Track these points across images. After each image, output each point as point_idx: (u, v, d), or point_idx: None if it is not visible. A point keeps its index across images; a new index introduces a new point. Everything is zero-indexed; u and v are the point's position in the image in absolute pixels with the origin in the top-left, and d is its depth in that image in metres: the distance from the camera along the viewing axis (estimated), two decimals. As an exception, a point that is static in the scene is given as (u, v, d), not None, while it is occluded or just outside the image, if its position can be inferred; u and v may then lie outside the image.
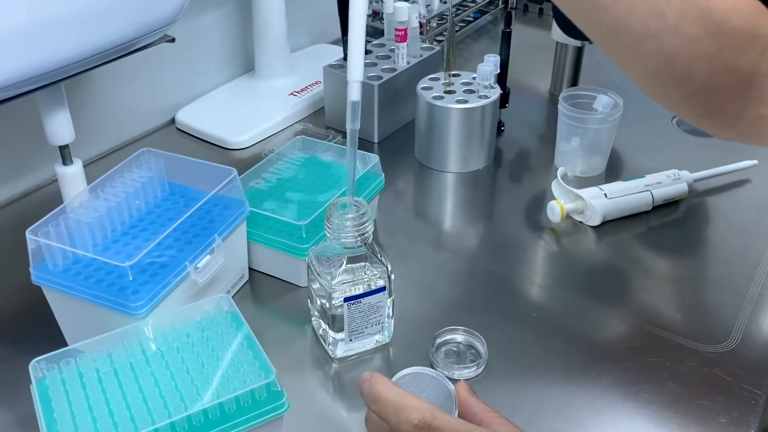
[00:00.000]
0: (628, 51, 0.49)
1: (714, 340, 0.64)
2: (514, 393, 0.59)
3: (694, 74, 0.47)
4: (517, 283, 0.72)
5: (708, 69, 0.46)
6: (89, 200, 0.64)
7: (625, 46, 0.48)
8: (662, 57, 0.47)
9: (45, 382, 0.52)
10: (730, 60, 0.46)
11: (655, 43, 0.46)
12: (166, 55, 0.92)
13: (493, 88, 0.88)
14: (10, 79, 0.57)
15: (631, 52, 0.48)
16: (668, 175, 0.82)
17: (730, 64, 0.46)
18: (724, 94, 0.48)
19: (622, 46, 0.49)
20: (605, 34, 0.49)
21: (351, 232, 0.57)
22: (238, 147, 0.94)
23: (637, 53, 0.48)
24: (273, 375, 0.50)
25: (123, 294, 0.57)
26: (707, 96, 0.48)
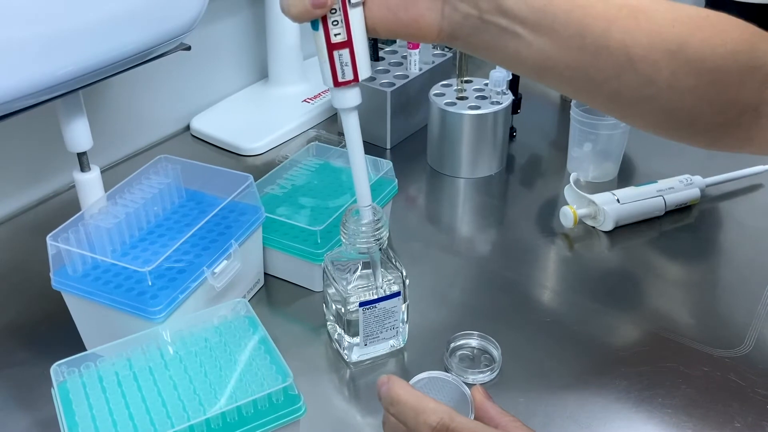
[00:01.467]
0: (627, 114, 0.49)
1: (728, 345, 0.64)
2: (528, 397, 0.59)
3: (697, 118, 0.47)
4: (530, 288, 0.73)
5: (711, 109, 0.46)
6: (108, 206, 0.65)
7: (624, 111, 0.49)
8: (662, 113, 0.47)
9: (66, 386, 0.52)
10: (731, 97, 0.46)
11: (651, 104, 0.46)
12: (182, 62, 0.93)
13: (505, 94, 0.88)
14: (31, 88, 0.58)
15: (630, 114, 0.49)
16: (680, 180, 0.82)
17: (732, 100, 0.46)
18: (732, 125, 0.48)
19: (621, 111, 0.49)
20: (601, 103, 0.49)
21: (366, 237, 0.58)
22: (252, 153, 0.95)
23: (637, 116, 0.48)
24: (290, 379, 0.51)
25: (142, 299, 0.57)
26: (715, 129, 0.48)
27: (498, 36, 0.45)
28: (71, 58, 0.59)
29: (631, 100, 0.47)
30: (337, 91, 0.50)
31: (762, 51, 0.45)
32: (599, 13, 0.44)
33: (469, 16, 0.45)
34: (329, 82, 0.50)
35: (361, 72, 0.49)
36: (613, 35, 0.44)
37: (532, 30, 0.45)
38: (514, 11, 0.44)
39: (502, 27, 0.45)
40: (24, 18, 0.55)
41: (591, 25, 0.44)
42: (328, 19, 0.47)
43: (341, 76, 0.49)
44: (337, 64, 0.49)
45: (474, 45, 0.47)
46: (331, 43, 0.48)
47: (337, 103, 0.51)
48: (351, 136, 0.52)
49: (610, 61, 0.45)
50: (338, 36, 0.47)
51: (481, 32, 0.46)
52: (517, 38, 0.45)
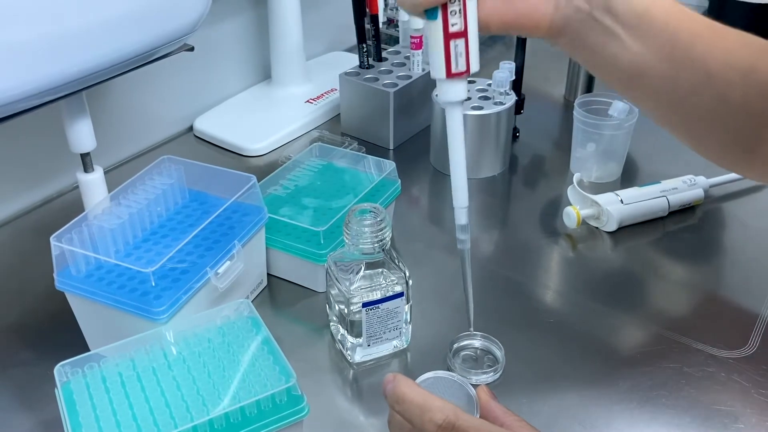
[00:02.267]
0: (700, 135, 0.51)
1: (732, 346, 0.64)
2: (532, 398, 0.59)
3: (761, 144, 0.48)
4: (534, 288, 0.73)
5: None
6: (111, 207, 0.66)
7: (697, 131, 0.50)
8: (731, 136, 0.49)
9: (69, 386, 0.52)
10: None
11: (723, 125, 0.48)
12: (185, 63, 0.93)
13: (508, 94, 0.88)
14: (35, 89, 0.58)
15: (701, 136, 0.50)
16: (684, 180, 0.82)
17: None
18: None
19: (694, 131, 0.50)
20: (678, 121, 0.50)
21: (369, 238, 0.58)
22: (254, 154, 0.95)
23: (708, 137, 0.50)
24: (293, 379, 0.51)
25: (145, 299, 0.57)
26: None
27: (601, 35, 0.47)
28: (75, 59, 0.60)
29: (706, 118, 0.48)
30: (447, 82, 0.50)
31: None
32: (687, 26, 0.46)
33: (580, 10, 0.47)
34: (441, 72, 0.49)
35: (472, 64, 0.49)
36: (697, 48, 0.46)
37: (630, 33, 0.46)
38: (618, 11, 0.46)
39: (606, 26, 0.46)
40: (28, 20, 0.55)
41: (680, 36, 0.46)
42: (448, 7, 0.47)
43: (455, 66, 0.48)
44: (453, 54, 0.48)
45: (577, 43, 0.48)
46: (449, 33, 0.47)
47: (445, 95, 0.50)
48: (455, 133, 0.52)
49: (692, 75, 0.47)
50: (455, 26, 0.47)
51: (587, 29, 0.47)
52: (617, 40, 0.47)
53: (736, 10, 0.87)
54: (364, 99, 0.95)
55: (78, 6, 0.58)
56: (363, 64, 0.98)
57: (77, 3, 0.58)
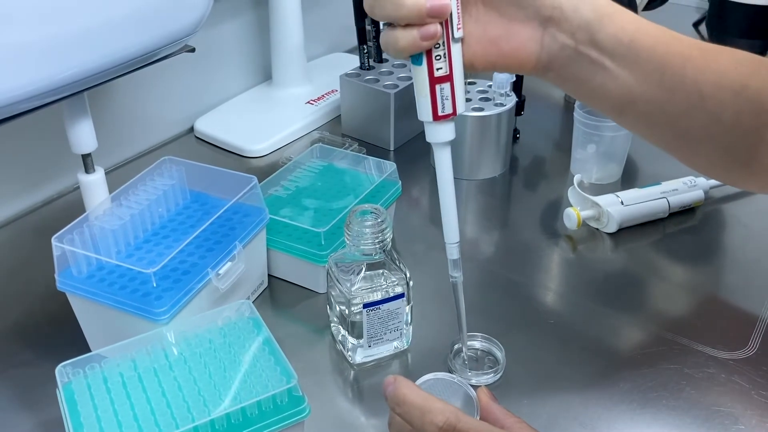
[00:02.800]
0: (693, 153, 0.51)
1: (732, 347, 0.64)
2: (533, 399, 0.59)
3: (755, 158, 0.49)
4: (534, 290, 0.73)
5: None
6: (112, 208, 0.66)
7: (690, 150, 0.51)
8: (725, 153, 0.49)
9: (71, 387, 0.53)
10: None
11: (716, 143, 0.49)
12: (186, 64, 0.93)
13: (508, 96, 0.88)
14: (37, 90, 0.58)
15: (696, 153, 0.51)
16: (684, 182, 0.82)
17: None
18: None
19: (688, 150, 0.51)
20: (671, 141, 0.51)
21: (370, 239, 0.58)
22: (255, 155, 0.95)
23: (702, 155, 0.51)
24: (294, 380, 0.51)
25: (146, 300, 0.58)
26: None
27: (588, 68, 0.47)
28: (77, 60, 0.60)
29: (699, 138, 0.49)
30: (435, 125, 0.50)
31: None
32: (677, 50, 0.47)
33: (565, 46, 0.47)
34: (428, 116, 0.50)
35: (459, 105, 0.49)
36: (688, 72, 0.46)
37: (618, 63, 0.47)
38: (604, 43, 0.46)
39: (593, 59, 0.47)
40: (30, 21, 0.55)
41: (670, 61, 0.46)
42: (433, 52, 0.47)
43: (441, 109, 0.49)
44: (438, 98, 0.49)
45: (565, 76, 0.49)
46: (434, 77, 0.48)
47: (433, 137, 0.51)
48: (443, 172, 0.52)
49: (683, 98, 0.47)
50: (440, 70, 0.48)
51: (574, 63, 0.47)
52: (605, 71, 0.47)
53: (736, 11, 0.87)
54: (364, 100, 0.95)
55: (80, 7, 0.58)
56: (364, 65, 0.98)
57: (79, 4, 0.58)
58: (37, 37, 0.56)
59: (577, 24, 0.46)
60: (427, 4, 0.44)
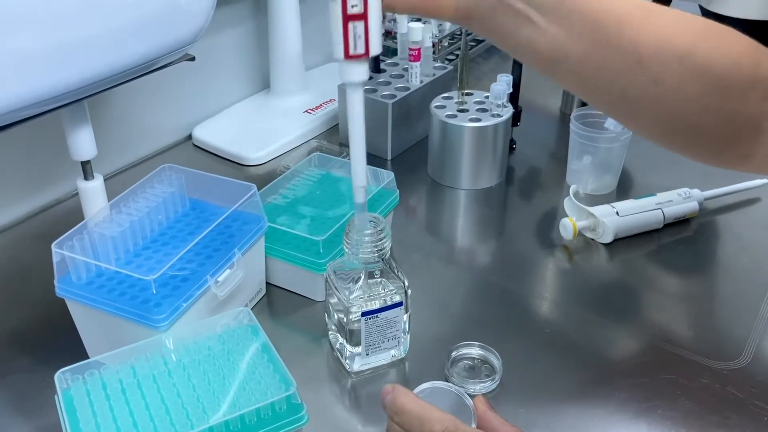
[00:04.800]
0: (631, 117, 0.49)
1: (726, 357, 0.64)
2: (529, 408, 0.60)
3: (699, 127, 0.47)
4: (530, 299, 0.73)
5: (713, 120, 0.47)
6: (112, 215, 0.66)
7: (629, 112, 0.49)
8: (666, 118, 0.47)
9: (70, 393, 0.53)
10: (733, 108, 0.46)
11: (655, 107, 0.47)
12: (185, 72, 0.94)
13: (505, 107, 0.89)
14: (37, 98, 0.58)
15: (634, 117, 0.49)
16: (679, 193, 0.83)
17: (734, 112, 0.47)
18: (733, 139, 0.48)
19: (625, 113, 0.49)
20: (607, 103, 0.49)
21: (369, 247, 0.59)
22: (253, 163, 0.96)
23: (641, 119, 0.49)
24: (293, 387, 0.51)
25: (146, 307, 0.58)
26: (717, 142, 0.48)
27: (513, 20, 0.45)
28: (78, 68, 0.60)
29: (637, 100, 0.47)
30: (346, 64, 0.49)
31: (765, 66, 0.46)
32: (615, 9, 0.45)
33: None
34: (340, 54, 0.49)
35: (372, 47, 0.49)
36: (626, 32, 0.45)
37: (547, 18, 0.45)
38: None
39: (518, 10, 0.45)
40: (33, 29, 0.56)
41: (606, 19, 0.45)
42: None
43: (353, 48, 0.48)
44: (351, 36, 0.48)
45: (488, 28, 0.47)
46: (347, 14, 0.47)
47: (344, 76, 0.50)
48: (354, 113, 0.51)
49: (620, 58, 0.45)
50: (355, 8, 0.47)
51: (497, 14, 0.46)
52: (532, 25, 0.45)
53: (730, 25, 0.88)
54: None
55: (82, 16, 0.58)
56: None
57: (82, 14, 0.58)
58: (39, 45, 0.56)
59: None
60: None
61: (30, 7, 0.55)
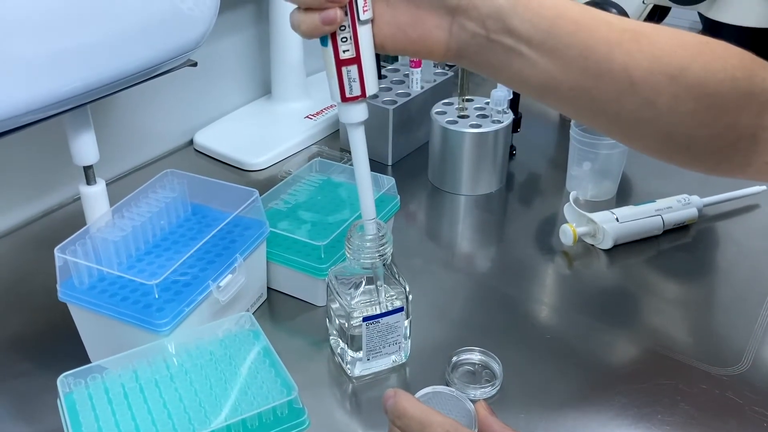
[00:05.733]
0: (627, 136, 0.50)
1: (725, 363, 0.65)
2: (529, 413, 0.60)
3: (695, 141, 0.48)
4: (530, 304, 0.73)
5: (709, 133, 0.47)
6: (114, 219, 0.66)
7: (624, 133, 0.49)
8: (662, 136, 0.48)
9: (72, 397, 0.53)
10: (729, 121, 0.47)
11: (650, 127, 0.47)
12: (186, 78, 0.94)
13: (505, 113, 0.90)
14: (41, 103, 0.59)
15: (630, 137, 0.50)
16: (678, 199, 0.83)
17: (730, 125, 0.47)
18: (729, 150, 0.49)
19: (621, 133, 0.50)
20: (602, 125, 0.50)
21: (370, 252, 0.59)
22: (254, 168, 0.96)
23: (637, 138, 0.49)
24: (295, 392, 0.52)
25: (148, 311, 0.58)
26: (713, 154, 0.49)
27: (503, 55, 0.46)
28: (81, 74, 0.60)
29: (632, 122, 0.47)
30: (344, 106, 0.51)
31: (760, 78, 0.47)
32: (603, 35, 0.45)
33: (476, 35, 0.46)
34: (336, 97, 0.51)
35: (368, 88, 0.50)
36: (616, 58, 0.45)
37: (536, 50, 0.45)
38: (519, 31, 0.45)
39: (508, 46, 0.46)
40: (36, 35, 0.56)
41: (594, 47, 0.45)
42: (338, 35, 0.48)
43: (349, 91, 0.50)
44: (345, 80, 0.49)
45: (480, 64, 0.48)
46: (340, 60, 0.49)
47: (344, 117, 0.52)
48: (357, 151, 0.53)
49: (611, 84, 0.46)
50: (347, 52, 0.48)
51: (487, 51, 0.46)
52: (522, 58, 0.46)
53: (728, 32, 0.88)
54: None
55: (85, 22, 0.59)
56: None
57: (85, 19, 0.59)
58: (42, 51, 0.57)
59: (486, 12, 0.45)
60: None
61: (33, 13, 0.55)
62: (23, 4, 0.54)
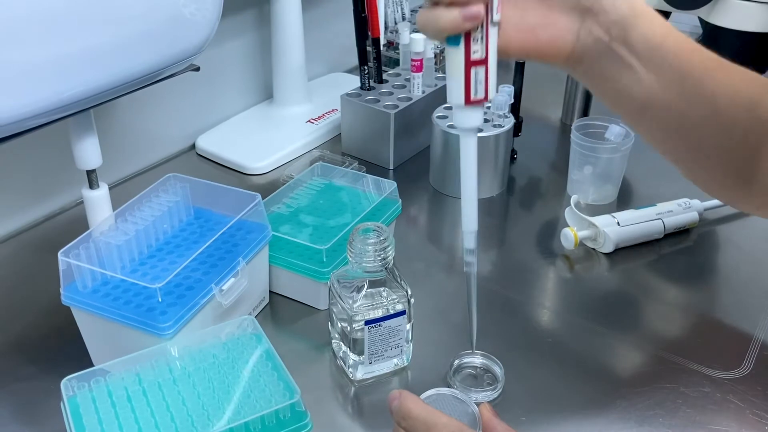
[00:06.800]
0: (703, 167, 0.51)
1: (727, 367, 0.65)
2: (531, 416, 0.60)
3: (755, 177, 0.49)
4: (532, 308, 0.74)
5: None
6: (118, 223, 0.66)
7: (701, 163, 0.51)
8: (732, 169, 0.50)
9: (76, 400, 0.53)
10: None
11: (725, 158, 0.49)
12: (189, 82, 0.94)
13: (506, 117, 0.90)
14: (45, 107, 0.59)
15: (705, 167, 0.51)
16: (679, 203, 0.83)
17: None
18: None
19: (698, 163, 0.51)
20: (684, 153, 0.51)
21: (372, 256, 0.59)
22: (256, 172, 0.96)
23: (711, 169, 0.51)
24: (298, 395, 0.52)
25: (151, 315, 0.58)
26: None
27: (617, 65, 0.48)
28: (84, 79, 0.61)
29: (708, 152, 0.49)
30: (465, 109, 0.49)
31: None
32: (699, 60, 0.48)
33: (599, 40, 0.47)
34: (460, 99, 0.49)
35: (491, 91, 0.49)
36: (706, 84, 0.47)
37: (645, 65, 0.47)
38: (635, 43, 0.47)
39: (622, 57, 0.47)
40: (40, 39, 0.56)
41: (691, 70, 0.47)
42: (471, 34, 0.47)
43: (474, 93, 0.48)
44: (473, 82, 0.48)
45: (594, 72, 0.49)
46: (470, 60, 0.47)
47: (462, 122, 0.50)
48: (468, 160, 0.52)
49: (699, 108, 0.48)
50: (476, 53, 0.47)
51: (604, 58, 0.48)
52: (631, 71, 0.48)
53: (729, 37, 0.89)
54: (364, 120, 0.97)
55: (89, 27, 0.59)
56: (364, 85, 0.99)
57: (89, 24, 0.59)
58: (45, 56, 0.57)
59: (613, 19, 0.46)
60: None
61: (37, 17, 0.55)
62: (27, 9, 0.55)
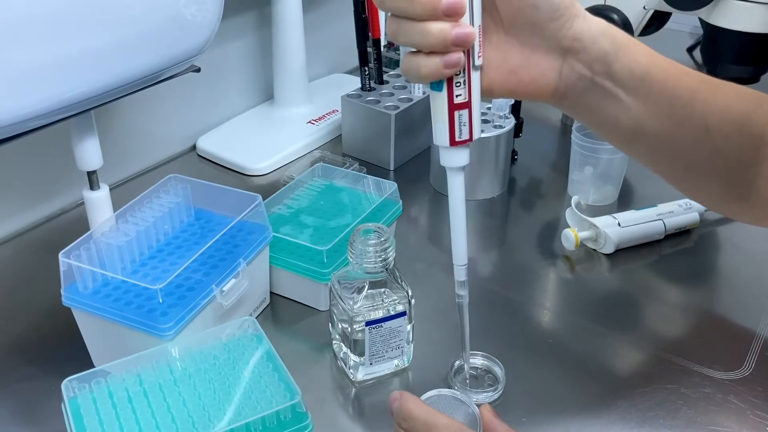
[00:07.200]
0: (699, 184, 0.53)
1: (728, 368, 0.65)
2: (532, 417, 0.60)
3: (753, 192, 0.50)
4: (532, 309, 0.74)
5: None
6: (118, 224, 0.66)
7: (695, 182, 0.53)
8: (728, 187, 0.51)
9: (77, 401, 0.53)
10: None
11: (720, 177, 0.50)
12: (189, 83, 0.94)
13: (507, 118, 0.90)
14: (46, 109, 0.59)
15: (700, 185, 0.53)
16: (680, 204, 0.83)
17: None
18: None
19: (693, 182, 0.53)
20: (680, 174, 0.53)
21: (373, 257, 0.59)
22: (257, 173, 0.96)
23: (706, 187, 0.53)
24: (298, 396, 0.52)
25: (152, 316, 0.58)
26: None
27: (602, 98, 0.48)
28: (85, 80, 0.61)
29: (703, 171, 0.50)
30: (451, 150, 0.50)
31: None
32: (686, 84, 0.48)
33: (582, 77, 0.48)
34: (444, 141, 0.49)
35: (475, 131, 0.50)
36: (696, 106, 0.48)
37: (631, 95, 0.48)
38: (619, 75, 0.47)
39: (607, 90, 0.48)
40: (41, 40, 0.56)
41: (679, 95, 0.48)
42: (453, 79, 0.47)
43: (458, 135, 0.49)
44: (456, 124, 0.49)
45: (580, 106, 0.50)
46: (453, 104, 0.48)
47: (448, 162, 0.51)
48: (456, 197, 0.52)
49: (691, 131, 0.48)
50: (459, 97, 0.48)
51: (589, 93, 0.48)
52: (618, 102, 0.48)
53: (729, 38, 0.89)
54: (365, 121, 0.97)
55: (90, 28, 0.59)
56: (365, 86, 1.00)
57: (90, 25, 0.59)
58: (47, 56, 0.57)
59: (595, 55, 0.47)
60: (452, 32, 0.44)
61: (38, 18, 0.56)
62: (28, 10, 0.55)
